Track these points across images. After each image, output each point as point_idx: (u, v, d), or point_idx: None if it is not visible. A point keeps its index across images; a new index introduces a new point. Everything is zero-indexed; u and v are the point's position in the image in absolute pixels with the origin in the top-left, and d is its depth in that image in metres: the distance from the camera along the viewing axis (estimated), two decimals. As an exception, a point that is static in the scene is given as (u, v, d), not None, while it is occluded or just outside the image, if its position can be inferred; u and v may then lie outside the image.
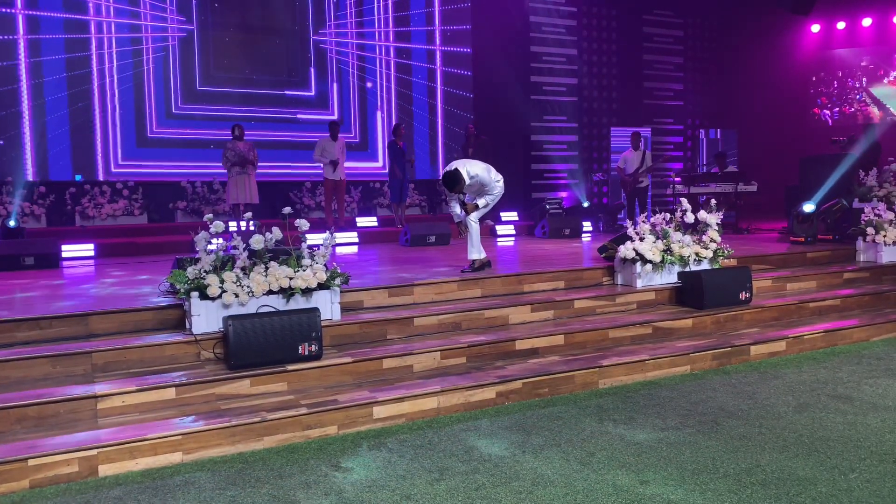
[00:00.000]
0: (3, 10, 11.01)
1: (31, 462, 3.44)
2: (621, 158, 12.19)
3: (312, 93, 13.32)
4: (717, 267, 6.60)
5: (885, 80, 15.99)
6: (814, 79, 16.89)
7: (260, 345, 4.38)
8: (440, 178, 6.98)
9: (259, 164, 10.56)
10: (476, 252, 6.48)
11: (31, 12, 11.20)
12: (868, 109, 16.23)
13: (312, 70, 13.29)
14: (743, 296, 6.29)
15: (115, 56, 11.80)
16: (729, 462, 3.62)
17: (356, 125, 13.73)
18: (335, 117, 13.12)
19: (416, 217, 12.84)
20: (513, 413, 4.44)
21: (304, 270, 4.90)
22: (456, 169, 6.30)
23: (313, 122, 13.01)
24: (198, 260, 4.78)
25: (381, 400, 4.25)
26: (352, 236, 10.37)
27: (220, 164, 10.45)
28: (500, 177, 6.58)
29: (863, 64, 16.24)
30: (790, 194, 11.25)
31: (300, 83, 13.21)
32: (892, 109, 15.85)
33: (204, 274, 4.69)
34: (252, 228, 9.20)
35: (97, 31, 11.68)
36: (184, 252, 7.19)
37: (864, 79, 16.32)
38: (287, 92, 13.07)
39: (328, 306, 5.03)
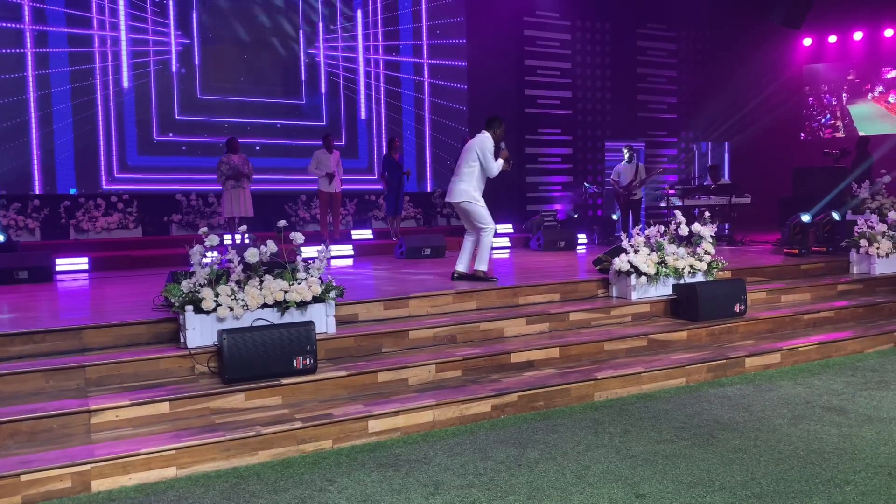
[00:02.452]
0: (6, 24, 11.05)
1: (23, 477, 3.42)
2: (615, 171, 12.24)
3: (307, 106, 13.36)
4: (711, 279, 6.62)
5: (869, 97, 16.06)
6: (807, 88, 17.01)
7: (254, 358, 4.37)
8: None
9: (254, 177, 10.58)
10: (473, 263, 6.64)
11: (35, 27, 11.23)
12: (834, 136, 16.28)
13: (308, 84, 13.33)
14: (737, 308, 6.31)
15: (109, 70, 11.83)
16: (724, 475, 3.62)
17: (347, 136, 13.78)
18: (329, 131, 13.15)
19: (412, 230, 12.85)
20: (508, 426, 4.43)
21: (299, 284, 4.90)
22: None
23: (308, 135, 13.04)
24: (192, 273, 4.77)
25: (376, 414, 4.24)
26: (347, 249, 10.36)
27: (215, 178, 10.46)
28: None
29: (849, 78, 16.34)
30: (783, 206, 11.32)
31: (295, 97, 13.25)
32: (860, 132, 15.66)
33: (198, 287, 4.69)
34: (247, 241, 9.20)
35: (92, 46, 11.70)
36: (178, 265, 7.17)
37: (846, 95, 16.39)
38: (282, 102, 13.10)
39: (323, 319, 5.02)
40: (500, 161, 6.69)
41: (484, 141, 6.61)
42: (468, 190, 6.62)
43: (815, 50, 16.84)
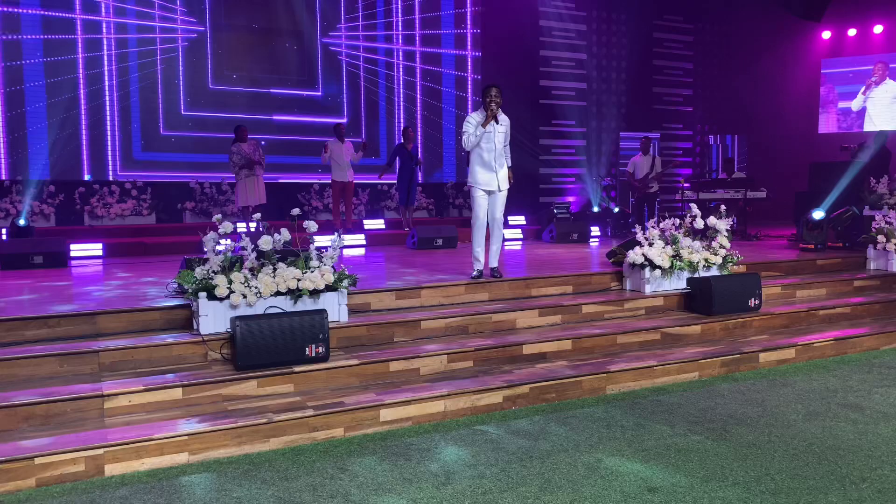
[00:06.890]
0: (11, 9, 11.08)
1: (37, 460, 3.44)
2: (630, 163, 12.14)
3: (321, 95, 13.35)
4: (726, 273, 6.56)
5: (888, 91, 15.81)
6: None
7: (267, 346, 4.38)
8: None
9: (267, 169, 10.58)
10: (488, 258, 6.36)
11: (46, 13, 11.27)
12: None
13: (322, 73, 13.32)
14: (752, 302, 6.26)
15: (127, 57, 11.86)
16: (738, 470, 3.59)
17: (364, 127, 13.75)
18: (343, 120, 13.14)
19: (424, 220, 12.84)
20: (520, 418, 4.42)
21: (312, 272, 4.90)
22: None
23: (322, 124, 13.04)
24: (206, 260, 4.79)
25: (388, 403, 4.24)
26: (359, 238, 10.36)
27: (228, 166, 10.48)
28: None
29: (868, 70, 16.11)
30: (800, 201, 11.20)
31: (310, 86, 13.25)
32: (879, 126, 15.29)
33: (212, 274, 4.70)
34: (260, 229, 9.22)
35: (108, 32, 11.73)
36: (192, 252, 7.19)
37: (865, 88, 16.14)
38: (296, 92, 13.11)
39: (335, 308, 5.02)
40: (479, 129, 6.09)
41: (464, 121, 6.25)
42: (468, 174, 6.31)
43: (834, 43, 16.62)
